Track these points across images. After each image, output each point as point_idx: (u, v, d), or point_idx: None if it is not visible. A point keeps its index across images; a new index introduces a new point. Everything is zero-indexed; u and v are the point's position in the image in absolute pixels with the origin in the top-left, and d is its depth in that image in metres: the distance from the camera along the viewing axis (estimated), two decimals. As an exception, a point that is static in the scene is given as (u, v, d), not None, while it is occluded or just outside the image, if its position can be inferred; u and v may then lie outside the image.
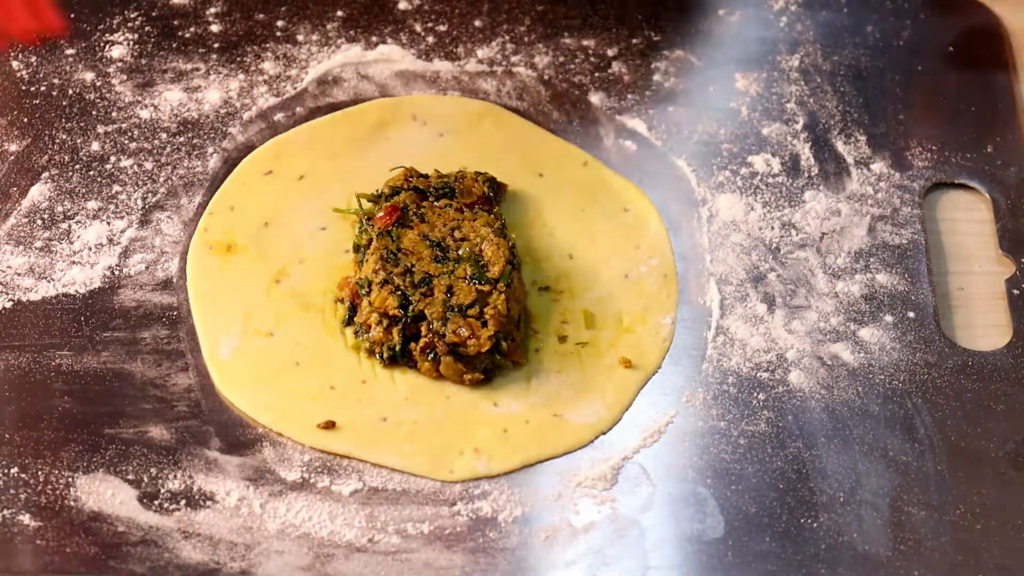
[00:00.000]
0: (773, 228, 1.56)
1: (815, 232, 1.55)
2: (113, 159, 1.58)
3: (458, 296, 1.43)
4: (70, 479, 1.37)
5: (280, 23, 1.70)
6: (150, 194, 1.56)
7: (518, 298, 1.46)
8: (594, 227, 1.55)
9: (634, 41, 1.70)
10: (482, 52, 1.68)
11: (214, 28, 1.69)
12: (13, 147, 1.58)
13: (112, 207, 1.54)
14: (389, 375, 1.45)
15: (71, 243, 1.52)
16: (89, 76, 1.64)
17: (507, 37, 1.70)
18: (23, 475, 1.37)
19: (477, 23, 1.71)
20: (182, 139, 1.60)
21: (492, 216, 1.50)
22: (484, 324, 1.42)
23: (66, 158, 1.58)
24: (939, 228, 1.58)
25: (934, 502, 1.37)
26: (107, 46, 1.67)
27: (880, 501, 1.37)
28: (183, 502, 1.36)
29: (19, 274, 1.50)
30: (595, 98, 1.65)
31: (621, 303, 1.50)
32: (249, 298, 1.49)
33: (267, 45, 1.68)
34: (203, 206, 1.55)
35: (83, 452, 1.38)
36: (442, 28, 1.70)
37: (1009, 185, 1.59)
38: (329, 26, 1.70)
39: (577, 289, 1.51)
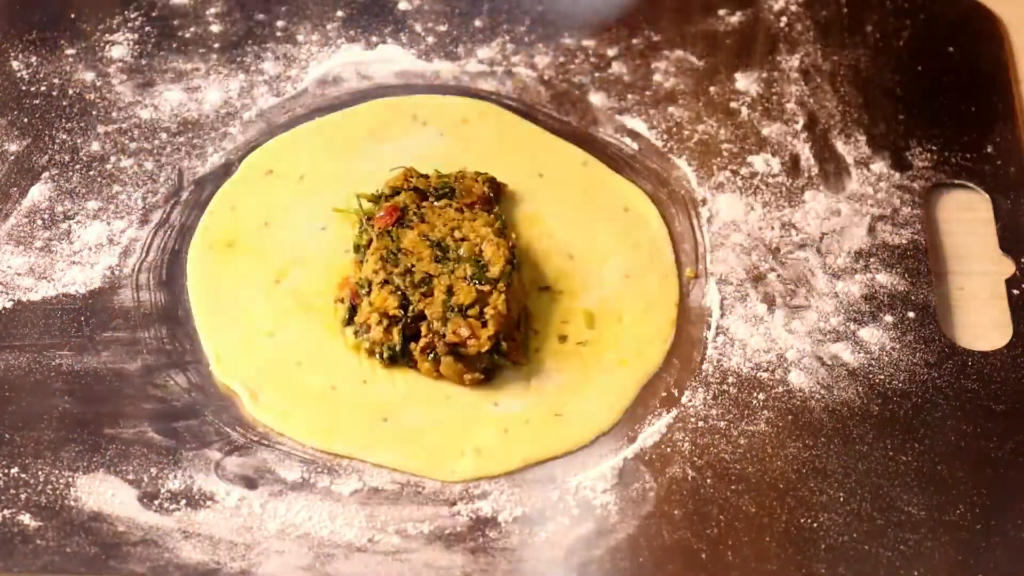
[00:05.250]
0: (773, 228, 1.56)
1: (815, 232, 1.55)
2: (113, 159, 1.58)
3: (458, 296, 1.43)
4: (70, 479, 1.37)
5: (280, 23, 1.70)
6: (150, 194, 1.56)
7: (518, 298, 1.46)
8: (594, 227, 1.55)
9: (634, 41, 1.70)
10: (482, 52, 1.68)
11: (214, 28, 1.69)
12: (13, 147, 1.58)
13: (112, 207, 1.54)
14: (389, 375, 1.45)
15: (71, 243, 1.52)
16: (89, 76, 1.64)
17: (507, 37, 1.70)
18: (23, 475, 1.37)
19: (477, 23, 1.71)
20: (182, 139, 1.60)
21: (492, 216, 1.50)
22: (484, 324, 1.42)
23: (66, 158, 1.58)
24: (939, 228, 1.58)
25: (934, 502, 1.37)
26: (107, 46, 1.67)
27: (880, 501, 1.37)
28: (183, 502, 1.36)
29: (19, 274, 1.50)
30: (595, 98, 1.65)
31: (621, 303, 1.50)
32: (249, 298, 1.49)
33: (267, 45, 1.68)
34: (203, 206, 1.55)
35: (83, 452, 1.38)
36: (442, 28, 1.70)
37: (1009, 185, 1.59)
38: (329, 26, 1.70)
39: (577, 289, 1.51)
